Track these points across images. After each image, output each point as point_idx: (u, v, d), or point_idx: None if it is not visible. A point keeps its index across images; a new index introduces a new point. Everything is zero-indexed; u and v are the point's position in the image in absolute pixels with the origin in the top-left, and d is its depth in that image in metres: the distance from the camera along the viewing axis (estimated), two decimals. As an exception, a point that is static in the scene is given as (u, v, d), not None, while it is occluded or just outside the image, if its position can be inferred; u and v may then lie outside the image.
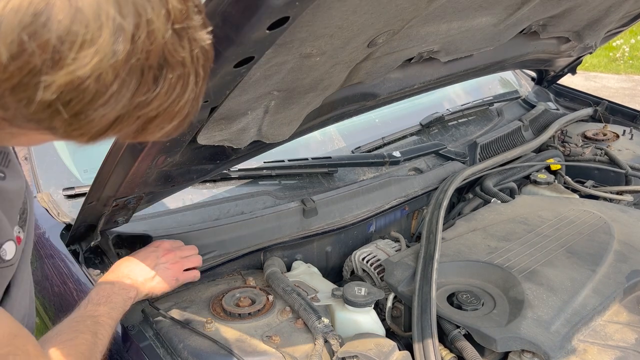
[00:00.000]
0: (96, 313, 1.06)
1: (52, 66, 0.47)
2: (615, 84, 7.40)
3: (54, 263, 1.41)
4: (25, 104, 0.49)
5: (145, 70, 0.51)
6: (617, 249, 1.56)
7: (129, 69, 0.50)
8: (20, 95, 0.49)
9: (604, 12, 1.85)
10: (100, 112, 0.51)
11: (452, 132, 2.31)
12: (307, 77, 1.09)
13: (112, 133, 0.55)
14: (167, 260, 1.27)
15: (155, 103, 0.54)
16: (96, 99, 0.50)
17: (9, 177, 0.83)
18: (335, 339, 1.22)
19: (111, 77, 0.49)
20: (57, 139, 0.58)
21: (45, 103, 0.49)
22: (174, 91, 0.54)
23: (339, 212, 1.73)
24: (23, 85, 0.48)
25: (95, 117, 0.52)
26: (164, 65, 0.52)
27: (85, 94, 0.49)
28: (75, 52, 0.47)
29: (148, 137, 0.59)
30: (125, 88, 0.51)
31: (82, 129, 0.53)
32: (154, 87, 0.53)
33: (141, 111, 0.54)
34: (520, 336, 1.24)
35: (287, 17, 0.71)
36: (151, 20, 0.49)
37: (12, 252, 0.80)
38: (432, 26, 1.28)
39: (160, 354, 1.19)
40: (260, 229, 1.58)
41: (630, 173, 2.12)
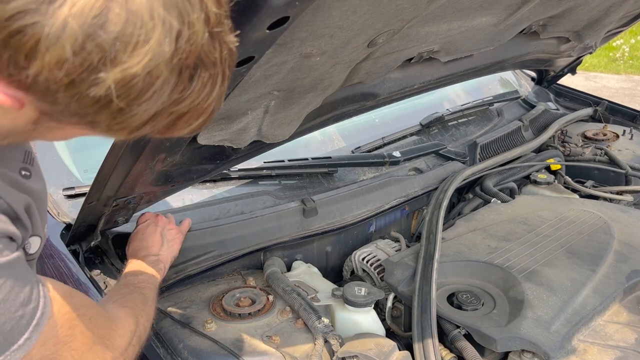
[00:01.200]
0: (136, 281, 1.13)
1: (108, 64, 0.51)
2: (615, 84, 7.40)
3: (54, 263, 1.40)
4: (77, 99, 0.53)
5: (184, 69, 0.55)
6: (617, 249, 1.56)
7: (171, 68, 0.54)
8: (75, 91, 0.52)
9: (604, 12, 1.85)
10: (144, 107, 0.55)
11: (452, 132, 2.31)
12: (307, 77, 1.09)
13: (147, 128, 0.59)
14: (163, 223, 1.35)
15: (188, 100, 0.58)
16: (142, 95, 0.54)
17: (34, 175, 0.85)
18: (335, 339, 1.22)
19: (157, 74, 0.53)
20: (94, 133, 0.61)
21: (96, 98, 0.53)
22: (205, 89, 0.58)
23: (339, 212, 1.73)
24: (79, 81, 0.51)
25: (138, 112, 0.55)
26: (199, 65, 0.56)
27: (132, 90, 0.53)
28: (129, 51, 0.51)
29: (176, 132, 0.63)
30: (166, 85, 0.55)
31: (124, 123, 0.57)
32: (189, 85, 0.57)
33: (176, 107, 0.58)
34: (520, 336, 1.24)
35: (287, 17, 0.71)
36: (193, 23, 0.53)
37: (36, 247, 0.84)
38: (432, 26, 1.28)
39: (160, 353, 1.19)
40: (260, 229, 1.58)
41: (630, 173, 2.12)
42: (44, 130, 0.62)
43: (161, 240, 1.30)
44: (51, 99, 0.53)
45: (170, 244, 1.32)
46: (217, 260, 1.49)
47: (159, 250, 1.28)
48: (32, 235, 0.81)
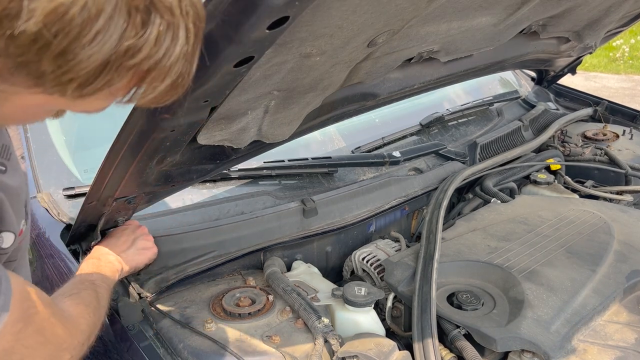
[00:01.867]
0: (90, 278, 1.12)
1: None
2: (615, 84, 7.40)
3: (54, 263, 1.41)
4: (9, 36, 0.48)
5: (132, 11, 0.51)
6: (617, 249, 1.56)
7: (114, 5, 0.49)
8: (6, 26, 0.48)
9: (603, 12, 1.85)
10: (87, 51, 0.50)
11: (452, 132, 2.31)
12: (307, 77, 1.09)
13: (102, 82, 0.54)
14: (142, 232, 1.34)
15: (144, 51, 0.53)
16: (83, 35, 0.49)
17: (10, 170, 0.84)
18: (335, 339, 1.22)
19: (97, 10, 0.49)
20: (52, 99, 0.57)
21: (31, 35, 0.48)
22: (164, 41, 0.54)
23: (339, 212, 1.73)
24: (6, 15, 0.47)
25: (83, 58, 0.51)
26: (151, 9, 0.52)
27: (71, 27, 0.49)
28: None
29: (143, 98, 0.59)
30: (112, 26, 0.50)
31: (71, 72, 0.52)
32: (142, 32, 0.52)
33: (131, 60, 0.53)
34: (520, 336, 1.24)
35: (287, 16, 0.70)
36: None
37: (10, 242, 0.83)
38: (432, 26, 1.28)
39: (160, 354, 1.19)
40: (260, 229, 1.58)
41: (630, 173, 2.12)
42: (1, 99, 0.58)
43: (129, 245, 1.29)
44: None
45: (139, 252, 1.30)
46: (217, 260, 1.49)
47: (123, 252, 1.27)
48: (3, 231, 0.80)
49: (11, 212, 0.81)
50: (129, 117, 0.93)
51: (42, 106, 0.62)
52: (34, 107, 0.61)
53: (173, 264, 1.42)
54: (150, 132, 0.94)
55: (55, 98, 0.56)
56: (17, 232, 0.84)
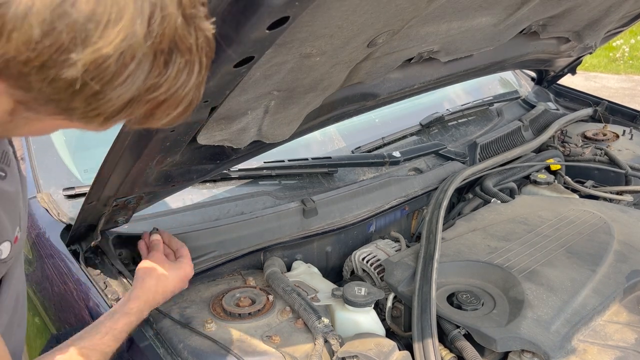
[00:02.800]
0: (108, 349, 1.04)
1: (80, 44, 0.50)
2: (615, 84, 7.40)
3: (54, 263, 1.41)
4: (49, 81, 0.52)
5: (158, 53, 0.55)
6: (617, 249, 1.56)
7: (145, 51, 0.53)
8: (47, 73, 0.51)
9: (604, 12, 1.85)
10: (118, 91, 0.54)
11: (452, 132, 2.31)
12: (307, 77, 1.09)
13: (124, 115, 0.58)
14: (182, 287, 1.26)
15: (164, 87, 0.57)
16: (115, 78, 0.53)
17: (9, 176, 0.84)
18: (335, 339, 1.22)
19: (130, 57, 0.52)
20: (72, 124, 0.60)
21: (69, 81, 0.52)
22: (182, 76, 0.58)
23: (339, 212, 1.73)
24: (51, 63, 0.50)
25: (112, 97, 0.55)
26: (174, 50, 0.56)
27: (106, 73, 0.52)
28: (101, 30, 0.50)
29: (155, 122, 0.62)
30: (140, 69, 0.54)
31: (99, 109, 0.56)
32: (165, 71, 0.56)
33: (152, 94, 0.57)
34: (520, 336, 1.24)
35: (287, 17, 0.70)
36: (165, 4, 0.53)
37: (7, 252, 0.82)
38: (432, 26, 1.28)
39: (160, 354, 1.19)
40: (260, 229, 1.58)
41: (630, 173, 2.12)
42: (22, 122, 0.60)
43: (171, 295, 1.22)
44: (24, 84, 0.52)
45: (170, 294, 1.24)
46: (217, 260, 1.49)
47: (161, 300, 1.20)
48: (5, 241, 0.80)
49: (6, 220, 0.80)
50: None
51: (59, 127, 0.65)
52: (51, 128, 0.65)
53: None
54: (150, 132, 0.94)
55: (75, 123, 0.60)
56: (13, 240, 0.84)
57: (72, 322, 1.36)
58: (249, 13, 0.68)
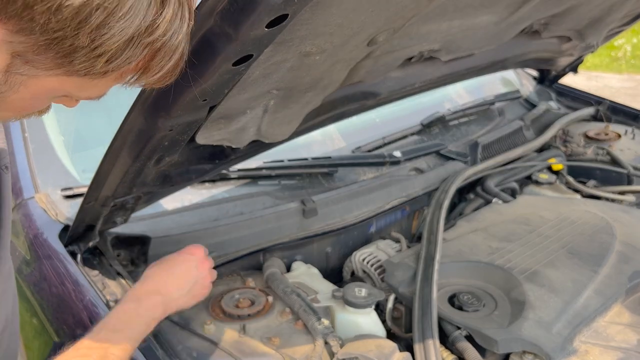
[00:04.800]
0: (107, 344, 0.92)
1: None
2: (617, 84, 7.39)
3: (52, 264, 1.40)
4: (55, 10, 0.51)
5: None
6: (619, 250, 1.55)
7: None
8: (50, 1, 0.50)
9: (605, 11, 1.84)
10: (120, 25, 0.54)
11: (453, 131, 2.30)
12: (306, 76, 1.09)
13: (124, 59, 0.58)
14: (203, 272, 1.14)
15: (161, 29, 0.58)
16: (119, 8, 0.53)
17: None
18: (336, 340, 1.21)
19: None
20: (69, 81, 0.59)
21: (75, 8, 0.51)
22: (176, 21, 0.59)
23: (339, 212, 1.72)
24: None
25: (115, 32, 0.54)
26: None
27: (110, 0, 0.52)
28: None
29: (149, 77, 0.62)
30: (140, 2, 0.55)
31: (103, 47, 0.55)
32: (161, 10, 0.57)
33: (150, 36, 0.57)
34: (522, 337, 1.23)
35: (286, 14, 0.70)
36: None
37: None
38: (432, 24, 1.27)
39: (159, 355, 1.18)
40: (260, 230, 1.57)
41: (633, 173, 2.11)
42: (16, 83, 0.58)
43: (186, 287, 1.10)
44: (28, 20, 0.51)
45: (190, 298, 1.12)
46: (217, 261, 1.48)
47: (177, 294, 1.08)
48: None
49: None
50: (126, 116, 0.92)
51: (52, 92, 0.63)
52: (45, 93, 0.62)
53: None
54: (148, 132, 0.94)
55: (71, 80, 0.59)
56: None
57: (70, 323, 1.36)
58: (248, 11, 0.67)
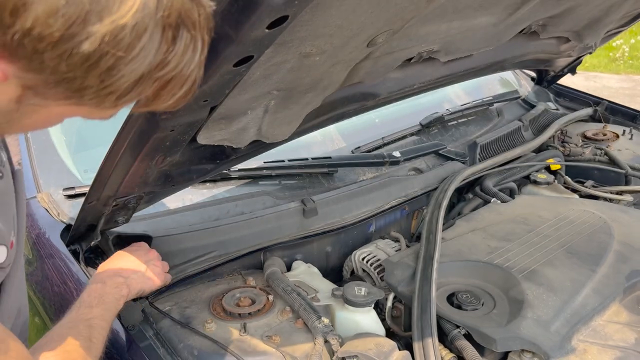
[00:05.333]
0: (89, 316, 1.04)
1: (98, 14, 0.50)
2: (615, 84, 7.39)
3: (54, 263, 1.40)
4: (66, 57, 0.51)
5: (167, 27, 0.55)
6: (617, 249, 1.56)
7: (155, 23, 0.54)
8: (63, 48, 0.50)
9: (604, 12, 1.85)
10: (131, 66, 0.54)
11: (452, 132, 2.31)
12: (306, 77, 1.09)
13: (134, 95, 0.58)
14: (154, 257, 1.28)
15: (172, 63, 0.58)
16: (129, 51, 0.53)
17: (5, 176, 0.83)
18: (335, 339, 1.21)
19: (143, 28, 0.53)
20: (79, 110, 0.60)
21: (85, 55, 0.51)
22: (188, 53, 0.59)
23: (339, 212, 1.73)
24: (69, 36, 0.50)
25: (125, 73, 0.55)
26: (181, 25, 0.57)
27: (121, 45, 0.52)
28: (119, 1, 0.50)
29: (160, 103, 0.63)
30: (151, 43, 0.54)
31: (112, 86, 0.55)
32: (172, 47, 0.57)
33: (161, 71, 0.57)
34: (520, 336, 1.24)
35: (287, 16, 0.70)
36: None
37: (4, 257, 0.81)
38: (432, 26, 1.28)
39: (160, 354, 1.19)
40: (260, 229, 1.58)
41: (630, 173, 2.12)
42: (28, 110, 0.59)
43: (140, 269, 1.22)
44: (38, 63, 0.51)
45: (148, 278, 1.23)
46: (217, 260, 1.49)
47: (133, 274, 1.20)
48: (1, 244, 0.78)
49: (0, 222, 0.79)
50: (128, 117, 0.93)
51: (64, 115, 0.64)
52: (56, 117, 0.64)
53: (173, 264, 1.42)
54: (150, 132, 0.94)
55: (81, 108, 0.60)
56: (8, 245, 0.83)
57: (71, 322, 1.36)
58: (249, 12, 0.68)
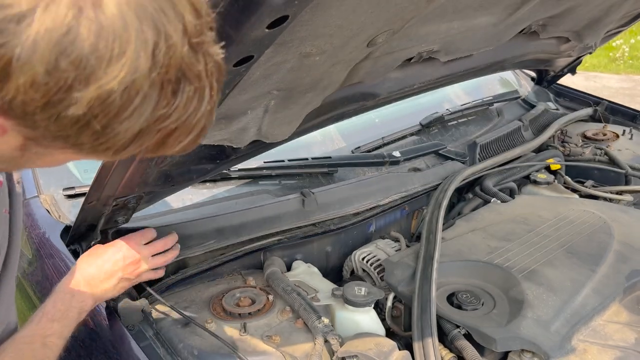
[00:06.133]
0: (48, 332, 1.04)
1: (83, 81, 0.49)
2: (615, 84, 7.39)
3: (54, 263, 1.40)
4: (54, 120, 0.51)
5: (165, 83, 0.53)
6: (616, 249, 1.56)
7: (150, 83, 0.51)
8: (51, 112, 0.50)
9: (604, 12, 1.85)
10: (125, 125, 0.53)
11: (452, 132, 2.31)
12: (306, 77, 1.09)
13: (134, 147, 0.57)
14: (129, 271, 1.23)
15: (174, 116, 0.55)
16: (121, 113, 0.52)
17: None
18: (335, 339, 1.21)
19: (135, 90, 0.51)
20: (82, 156, 0.59)
21: (74, 118, 0.51)
22: (192, 104, 0.56)
23: (339, 204, 1.73)
24: (54, 101, 0.49)
25: (120, 131, 0.53)
26: (182, 79, 0.54)
27: (111, 108, 0.51)
28: (104, 67, 0.49)
29: (167, 150, 0.61)
30: (147, 102, 0.52)
31: (107, 143, 0.55)
32: (173, 101, 0.54)
33: (162, 124, 0.55)
34: (520, 336, 1.24)
35: (287, 15, 0.71)
36: (169, 34, 0.51)
37: None
38: (432, 26, 1.28)
39: (160, 354, 1.19)
40: (260, 218, 1.57)
41: (630, 173, 2.12)
42: (33, 157, 0.60)
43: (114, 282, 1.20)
44: (30, 122, 0.51)
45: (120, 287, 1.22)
46: (217, 260, 1.49)
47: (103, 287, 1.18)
48: None
49: None
50: (128, 116, 0.92)
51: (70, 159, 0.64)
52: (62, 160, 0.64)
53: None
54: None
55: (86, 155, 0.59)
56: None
57: (71, 322, 1.36)
58: (249, 12, 0.68)
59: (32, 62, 0.46)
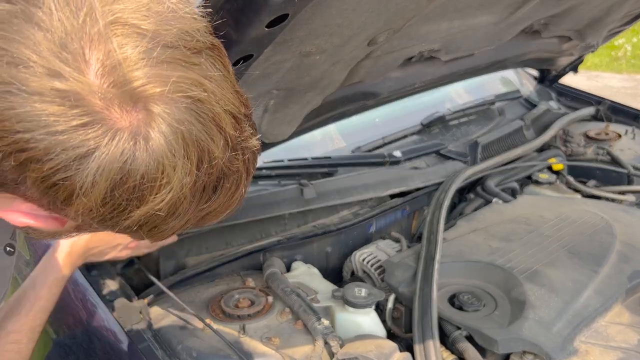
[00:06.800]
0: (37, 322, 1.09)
1: (136, 204, 0.54)
2: (617, 83, 7.38)
3: (52, 263, 1.40)
4: (111, 227, 0.58)
5: (207, 186, 0.58)
6: (619, 250, 1.55)
7: (193, 192, 0.57)
8: (106, 224, 0.57)
9: (605, 11, 1.84)
10: (171, 225, 0.60)
11: (453, 131, 2.30)
12: (306, 76, 1.09)
13: (180, 231, 0.64)
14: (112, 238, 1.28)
15: (214, 206, 0.61)
16: (168, 218, 0.58)
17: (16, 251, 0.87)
18: (335, 340, 1.21)
19: (180, 202, 0.56)
20: None
21: (126, 227, 0.57)
22: (230, 192, 0.62)
23: (339, 194, 1.73)
24: (110, 219, 0.56)
25: (166, 229, 0.60)
26: (222, 178, 0.59)
27: (158, 219, 0.57)
28: (154, 193, 0.54)
29: (206, 224, 0.66)
30: (191, 205, 0.58)
31: (154, 237, 0.62)
32: (214, 196, 0.60)
33: (203, 213, 0.61)
34: (522, 337, 1.23)
35: (287, 14, 0.70)
36: (212, 151, 0.55)
37: None
38: (432, 25, 1.27)
39: (158, 355, 1.19)
40: (258, 203, 1.58)
41: (633, 173, 2.11)
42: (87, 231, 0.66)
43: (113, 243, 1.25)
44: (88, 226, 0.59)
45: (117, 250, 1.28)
46: (216, 261, 1.48)
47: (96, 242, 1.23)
48: None
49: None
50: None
51: None
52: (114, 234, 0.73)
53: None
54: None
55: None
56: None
57: (69, 322, 1.36)
58: (249, 10, 0.67)
59: (91, 195, 0.52)
